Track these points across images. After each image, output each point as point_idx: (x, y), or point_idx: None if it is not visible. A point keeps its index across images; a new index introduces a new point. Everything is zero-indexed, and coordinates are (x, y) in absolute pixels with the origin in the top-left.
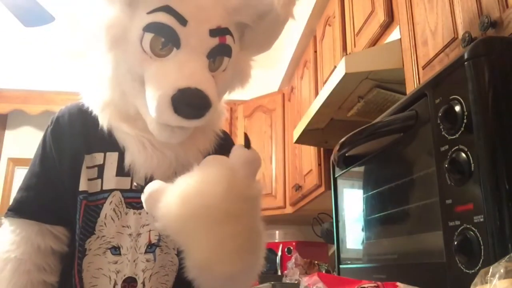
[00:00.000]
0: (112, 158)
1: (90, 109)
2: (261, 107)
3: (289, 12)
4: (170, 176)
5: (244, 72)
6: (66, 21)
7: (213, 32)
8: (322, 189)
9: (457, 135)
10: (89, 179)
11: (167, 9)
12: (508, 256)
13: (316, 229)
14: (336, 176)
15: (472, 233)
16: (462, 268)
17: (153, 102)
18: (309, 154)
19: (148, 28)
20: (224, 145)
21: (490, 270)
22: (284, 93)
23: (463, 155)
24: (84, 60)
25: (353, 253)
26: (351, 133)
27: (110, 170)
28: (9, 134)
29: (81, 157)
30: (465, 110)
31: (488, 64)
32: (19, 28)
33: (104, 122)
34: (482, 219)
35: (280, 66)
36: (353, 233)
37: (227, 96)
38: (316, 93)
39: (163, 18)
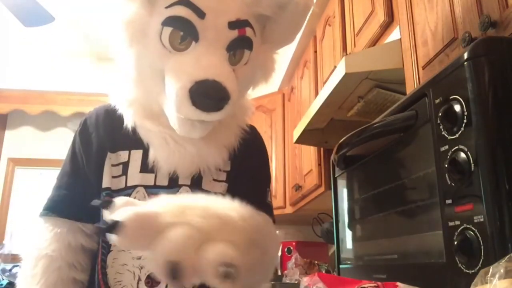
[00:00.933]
0: (136, 155)
1: (116, 109)
2: (261, 107)
3: (308, 1)
4: (193, 172)
5: (267, 66)
6: (66, 21)
7: (232, 25)
8: (322, 189)
9: (457, 135)
10: (114, 177)
11: (185, 3)
12: (508, 256)
13: (316, 229)
14: (336, 176)
15: (472, 233)
16: (462, 268)
17: (172, 96)
18: (309, 154)
19: (167, 22)
20: (250, 140)
21: (490, 270)
22: (284, 93)
23: (463, 155)
24: (86, 61)
25: (353, 253)
26: (351, 133)
27: (134, 167)
28: (9, 134)
29: (105, 156)
30: (465, 110)
31: (488, 64)
32: (19, 28)
33: (128, 120)
34: (482, 219)
35: (280, 66)
36: (353, 233)
37: (252, 92)
38: (316, 93)
39: (181, 11)
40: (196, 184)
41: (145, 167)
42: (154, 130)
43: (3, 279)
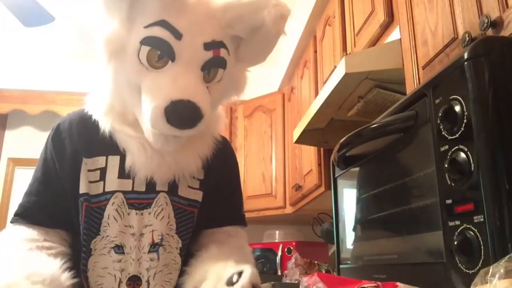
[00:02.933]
0: (114, 161)
1: (91, 115)
2: (261, 107)
3: (279, 29)
4: (169, 179)
5: (239, 82)
6: (66, 21)
7: (208, 46)
8: (322, 189)
9: (457, 135)
10: (90, 182)
11: (163, 24)
12: (508, 256)
13: (316, 229)
14: (336, 176)
15: (472, 233)
16: (462, 268)
17: (147, 112)
18: (309, 154)
19: (145, 41)
20: (222, 150)
21: (490, 270)
22: (284, 93)
23: (463, 155)
24: (86, 61)
25: (353, 253)
26: (351, 133)
27: (112, 173)
28: (9, 134)
29: (80, 161)
30: (465, 110)
31: (488, 64)
32: (19, 28)
33: (106, 126)
34: (482, 219)
35: (280, 66)
36: (353, 233)
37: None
38: (316, 93)
39: (159, 32)
40: (172, 191)
41: (123, 173)
42: (132, 135)
43: None
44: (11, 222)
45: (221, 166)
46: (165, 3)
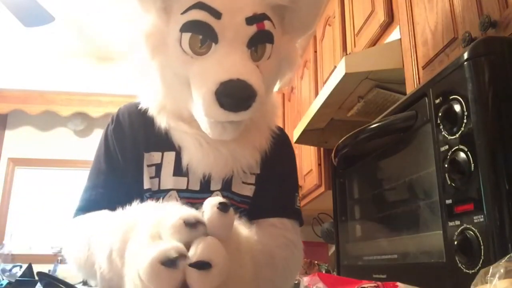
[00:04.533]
0: (169, 157)
1: (147, 110)
2: None
3: None
4: (227, 174)
5: (291, 57)
6: (66, 21)
7: (250, 20)
8: (322, 189)
9: (457, 135)
10: (151, 177)
11: (200, 5)
12: (508, 256)
13: (316, 229)
14: (336, 176)
15: (472, 233)
16: (462, 268)
17: (199, 101)
18: (309, 154)
19: (184, 28)
20: (280, 142)
21: (490, 270)
22: (284, 93)
23: (463, 155)
24: (86, 61)
25: (353, 253)
26: (351, 133)
27: (167, 170)
28: (9, 134)
29: (141, 155)
30: (465, 110)
31: (488, 64)
32: (19, 28)
33: (162, 122)
34: (482, 219)
35: None
36: (353, 233)
37: (279, 85)
38: (316, 93)
39: (197, 15)
40: (226, 188)
41: (178, 170)
42: (188, 132)
43: (3, 279)
44: (74, 216)
45: (277, 158)
46: None
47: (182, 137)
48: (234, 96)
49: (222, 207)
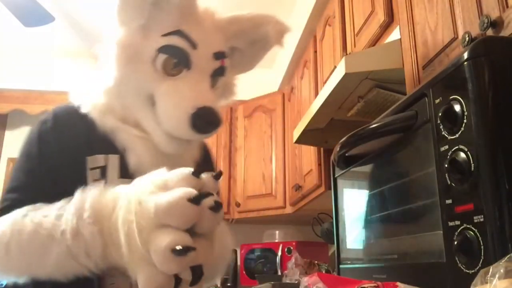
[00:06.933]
0: (113, 160)
1: (86, 112)
2: (261, 107)
3: (281, 42)
4: None
5: (229, 89)
6: (66, 21)
7: (217, 55)
8: (322, 189)
9: (457, 135)
10: (94, 180)
11: (181, 34)
12: (508, 256)
13: (316, 229)
14: (336, 176)
15: (472, 233)
16: (462, 268)
17: (169, 117)
18: (309, 154)
19: (163, 49)
20: (206, 152)
21: (490, 270)
22: (284, 93)
23: (463, 155)
24: (86, 61)
25: (353, 253)
26: (351, 133)
27: (113, 172)
28: (9, 134)
29: (84, 158)
30: (465, 110)
31: (488, 64)
32: (19, 28)
33: (107, 124)
34: (482, 219)
35: (280, 66)
36: (353, 233)
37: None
38: (316, 93)
39: (177, 41)
40: None
41: (124, 173)
42: (138, 135)
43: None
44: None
45: (206, 165)
46: (182, 14)
47: (130, 139)
48: (208, 122)
49: (215, 207)
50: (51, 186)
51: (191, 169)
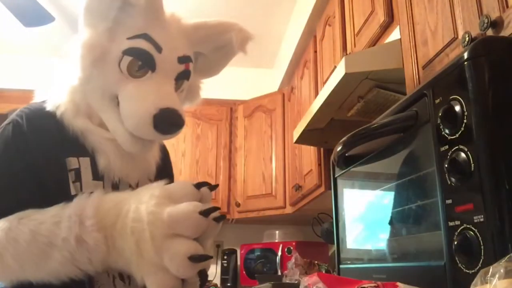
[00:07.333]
0: (85, 162)
1: (55, 111)
2: (261, 107)
3: (244, 49)
4: (137, 180)
5: (194, 93)
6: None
7: (181, 59)
8: (322, 189)
9: (457, 135)
10: (72, 182)
11: (146, 37)
12: (508, 256)
13: (316, 229)
14: (336, 176)
15: (472, 233)
16: (462, 268)
17: (132, 117)
18: (309, 154)
19: (128, 51)
20: (164, 153)
21: (490, 270)
22: (284, 93)
23: (463, 155)
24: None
25: (353, 253)
26: (351, 133)
27: (86, 175)
28: None
29: (64, 160)
30: (465, 110)
31: (488, 64)
32: (19, 28)
33: (76, 125)
34: (482, 219)
35: (280, 66)
36: (353, 233)
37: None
38: (316, 93)
39: (142, 44)
40: None
41: (96, 175)
42: (107, 137)
43: None
44: None
45: (165, 165)
46: (148, 18)
47: (100, 141)
48: (170, 123)
49: (219, 219)
50: (35, 188)
51: (192, 183)
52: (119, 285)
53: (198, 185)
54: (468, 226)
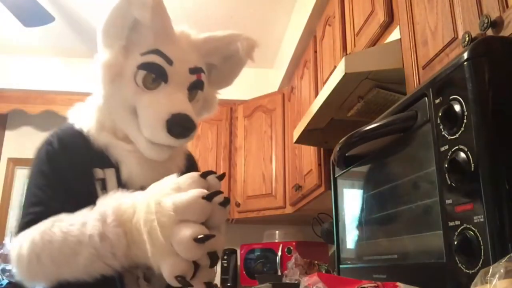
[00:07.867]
0: (110, 173)
1: (83, 130)
2: (261, 107)
3: (251, 56)
4: None
5: (211, 103)
6: (66, 21)
7: (192, 70)
8: (322, 189)
9: (457, 135)
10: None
11: (158, 52)
12: (508, 256)
13: (316, 229)
14: (336, 176)
15: (472, 233)
16: (462, 268)
17: (148, 124)
18: (309, 154)
19: (142, 66)
20: (190, 162)
21: (490, 270)
22: (284, 93)
23: (463, 155)
24: (86, 61)
25: (353, 253)
26: (351, 133)
27: (111, 184)
28: (9, 134)
29: (89, 172)
30: (465, 110)
31: (488, 64)
32: (19, 28)
33: (102, 140)
34: (482, 219)
35: (280, 66)
36: (353, 233)
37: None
38: (316, 93)
39: (155, 58)
40: None
41: (120, 184)
42: (129, 149)
43: (3, 279)
44: (17, 233)
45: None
46: (158, 35)
47: (123, 154)
48: (181, 127)
49: (224, 202)
50: (65, 197)
51: (199, 173)
52: (143, 285)
53: (204, 174)
54: (468, 226)
